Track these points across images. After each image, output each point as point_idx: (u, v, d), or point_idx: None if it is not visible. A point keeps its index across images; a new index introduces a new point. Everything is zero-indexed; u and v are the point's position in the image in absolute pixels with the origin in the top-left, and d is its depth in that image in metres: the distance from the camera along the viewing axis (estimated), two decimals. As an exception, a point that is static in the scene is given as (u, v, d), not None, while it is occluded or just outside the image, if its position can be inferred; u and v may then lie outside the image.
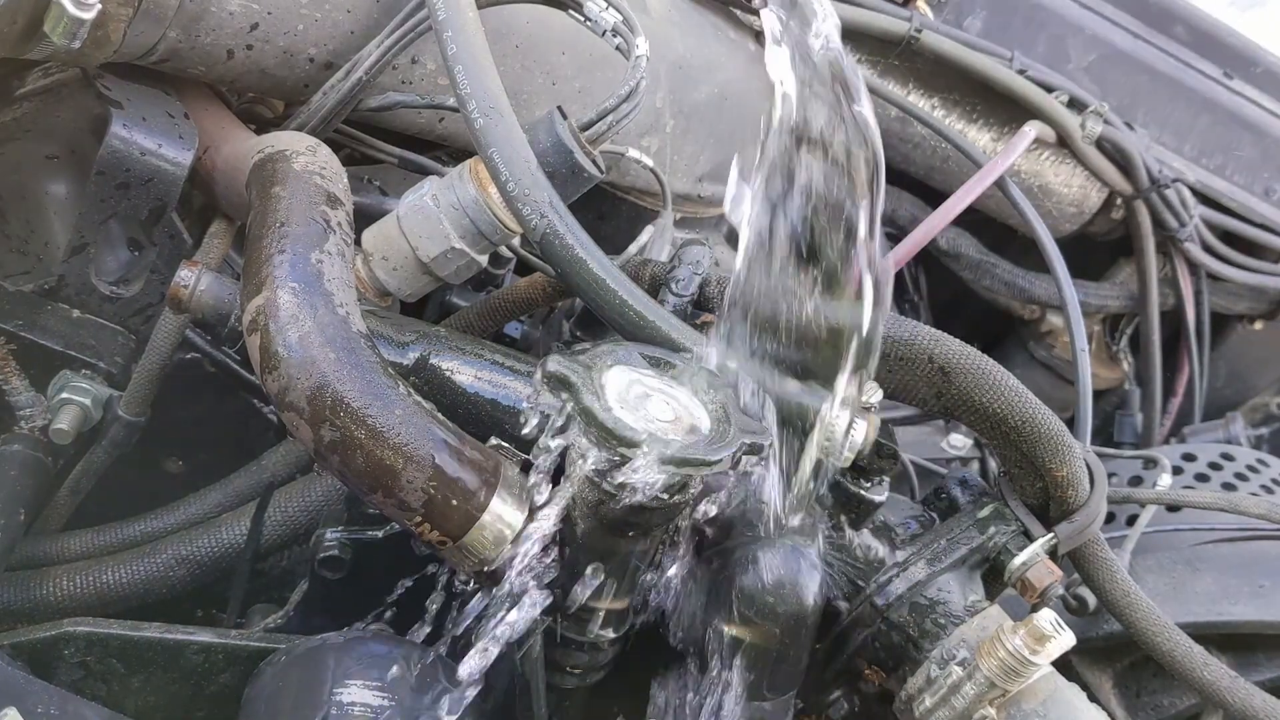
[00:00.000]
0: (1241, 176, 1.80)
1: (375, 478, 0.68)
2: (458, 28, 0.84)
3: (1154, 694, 1.17)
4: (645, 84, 0.92)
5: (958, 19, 1.60)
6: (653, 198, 1.29)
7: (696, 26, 1.28)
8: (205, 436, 1.13)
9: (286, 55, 0.94)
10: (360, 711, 0.71)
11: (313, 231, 0.75)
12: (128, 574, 0.99)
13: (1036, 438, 0.87)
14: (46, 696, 0.73)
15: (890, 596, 0.89)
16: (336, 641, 0.77)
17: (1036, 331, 1.96)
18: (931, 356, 0.85)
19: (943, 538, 0.92)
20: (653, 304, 0.81)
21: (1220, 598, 1.14)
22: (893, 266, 1.24)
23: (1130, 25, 1.72)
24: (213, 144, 0.97)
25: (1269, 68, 1.82)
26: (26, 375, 0.97)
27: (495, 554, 0.71)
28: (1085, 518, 0.92)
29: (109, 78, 0.93)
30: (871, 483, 0.88)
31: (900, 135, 1.63)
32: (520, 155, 0.80)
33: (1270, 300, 1.99)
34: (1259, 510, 1.18)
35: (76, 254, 0.96)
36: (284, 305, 0.69)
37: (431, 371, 0.83)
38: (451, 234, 0.88)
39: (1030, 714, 0.82)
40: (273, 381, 0.69)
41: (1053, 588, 0.89)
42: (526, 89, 1.08)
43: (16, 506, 0.92)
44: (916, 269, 1.89)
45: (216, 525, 1.01)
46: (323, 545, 0.92)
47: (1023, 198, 1.34)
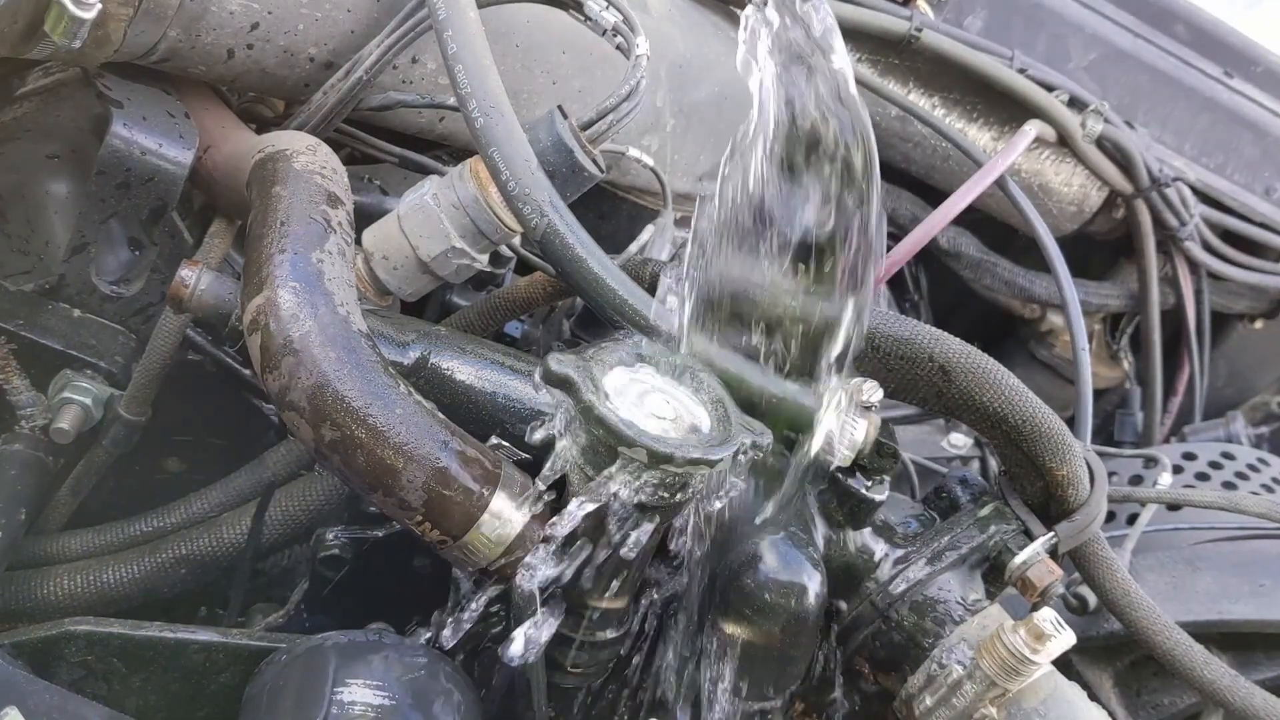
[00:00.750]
0: (1242, 175, 1.80)
1: (376, 477, 0.68)
2: (458, 27, 0.84)
3: (1154, 693, 1.17)
4: (645, 83, 0.92)
5: (958, 18, 1.60)
6: (653, 197, 1.29)
7: (697, 26, 1.28)
8: (206, 436, 1.13)
9: (287, 55, 0.94)
10: (360, 710, 0.71)
11: (313, 231, 0.75)
12: (128, 573, 0.99)
13: (1037, 437, 0.87)
14: (47, 696, 0.73)
15: (890, 595, 0.89)
16: (337, 640, 0.77)
17: (1037, 331, 1.96)
18: (932, 355, 0.85)
19: (943, 537, 0.92)
20: (653, 303, 0.81)
21: (1220, 597, 1.14)
22: (886, 264, 1.24)
23: (1131, 24, 1.72)
24: (213, 143, 0.97)
25: (1269, 67, 1.82)
26: (27, 375, 0.97)
27: (495, 552, 0.72)
28: (1085, 517, 0.92)
29: (109, 77, 0.93)
30: (872, 482, 0.88)
31: (900, 134, 1.63)
32: (520, 154, 0.81)
33: (1271, 299, 1.99)
34: (1259, 509, 1.18)
35: (77, 253, 0.96)
36: (285, 304, 0.69)
37: (432, 371, 0.83)
38: (452, 233, 0.88)
39: (1030, 713, 0.82)
40: (273, 381, 0.69)
41: (1053, 587, 0.89)
42: (527, 88, 1.08)
43: (17, 506, 0.93)
44: (917, 268, 1.89)
45: (217, 524, 1.01)
46: (323, 544, 0.92)
47: (1023, 197, 1.34)
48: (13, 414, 0.97)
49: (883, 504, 0.89)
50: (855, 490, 0.87)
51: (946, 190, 1.53)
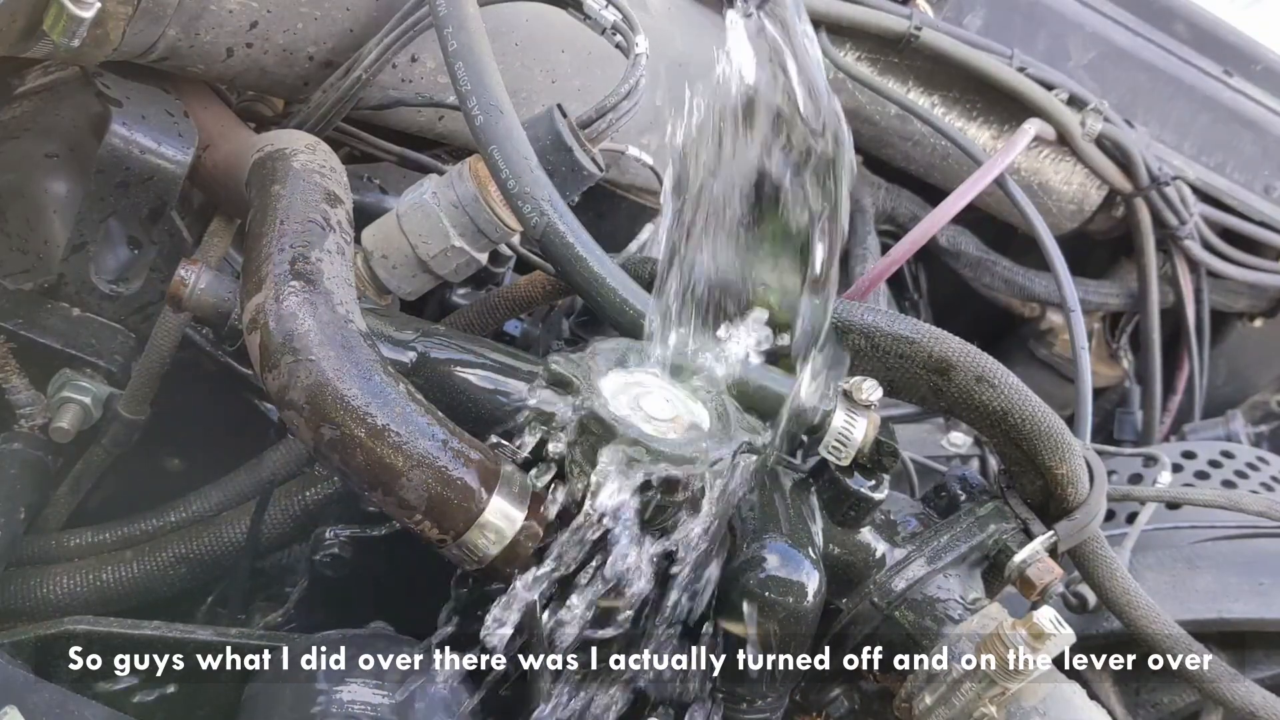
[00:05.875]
0: (1241, 174, 1.80)
1: (375, 476, 0.68)
2: (458, 25, 0.84)
3: (1154, 692, 1.17)
4: (645, 82, 0.92)
5: (958, 16, 1.60)
6: (652, 195, 1.29)
7: (696, 24, 1.28)
8: (205, 435, 1.13)
9: (286, 53, 0.94)
10: (360, 709, 0.71)
11: (312, 230, 0.75)
12: (128, 572, 0.99)
13: (1036, 435, 0.87)
14: (47, 695, 0.73)
15: (890, 594, 0.88)
16: (336, 639, 0.77)
17: (1036, 329, 1.96)
18: (931, 354, 0.85)
19: (943, 535, 0.92)
20: (653, 302, 0.81)
21: (1220, 595, 1.14)
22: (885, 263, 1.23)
23: (1130, 23, 1.72)
24: (212, 142, 0.97)
25: (1269, 65, 1.82)
26: (26, 374, 0.97)
27: (495, 551, 0.72)
28: (1085, 515, 0.92)
29: (108, 76, 0.93)
30: (871, 481, 0.88)
31: (900, 133, 1.63)
32: (520, 153, 0.80)
33: (1270, 298, 1.99)
34: (1259, 508, 1.18)
35: (76, 252, 0.96)
36: (284, 303, 0.69)
37: (431, 370, 0.83)
38: (451, 232, 0.88)
39: (1030, 712, 0.82)
40: (273, 380, 0.69)
41: (1053, 585, 0.89)
42: (526, 87, 1.08)
43: (17, 505, 0.92)
44: (916, 267, 1.89)
45: (216, 523, 1.01)
46: (323, 543, 0.92)
47: (1023, 195, 1.34)
48: (12, 413, 0.97)
49: (882, 503, 0.89)
50: (855, 489, 0.87)
51: (946, 189, 1.53)
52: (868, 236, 1.64)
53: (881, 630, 0.89)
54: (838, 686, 0.95)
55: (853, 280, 1.43)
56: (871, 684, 0.93)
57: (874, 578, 0.90)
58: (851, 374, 0.86)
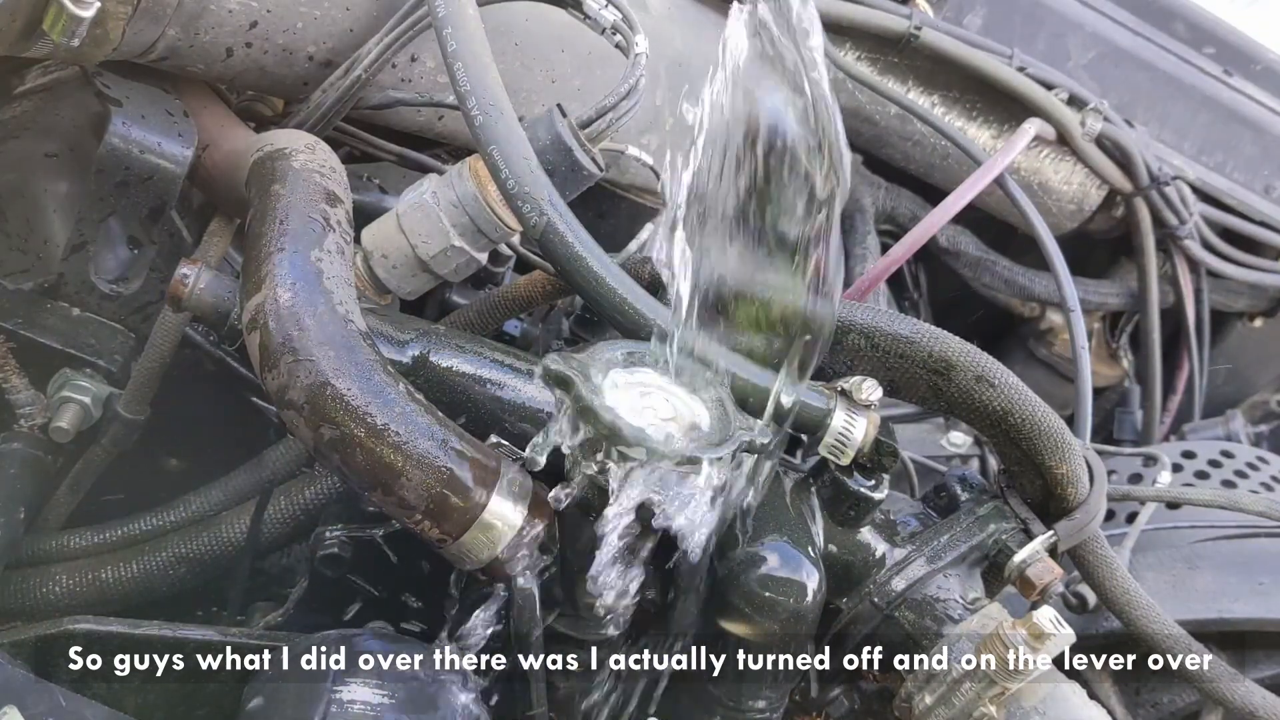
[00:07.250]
0: (1241, 174, 1.80)
1: (375, 476, 0.68)
2: (457, 25, 0.84)
3: (1153, 691, 1.17)
4: (644, 81, 0.92)
5: (958, 16, 1.60)
6: (652, 195, 1.29)
7: (696, 24, 1.28)
8: (205, 434, 1.13)
9: (286, 53, 0.94)
10: (360, 709, 0.71)
11: (312, 229, 0.75)
12: (128, 572, 0.99)
13: (1036, 435, 0.87)
14: (47, 695, 0.73)
15: (890, 594, 0.89)
16: (336, 639, 0.77)
17: (1036, 329, 1.96)
18: (931, 354, 0.85)
19: (942, 535, 0.92)
20: (652, 301, 0.81)
21: (1220, 595, 1.14)
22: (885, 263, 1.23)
23: (1130, 23, 1.72)
24: (212, 142, 0.97)
25: (1269, 65, 1.82)
26: (26, 373, 0.97)
27: (495, 551, 0.72)
28: (1085, 515, 0.92)
29: (108, 75, 0.93)
30: (871, 480, 0.88)
31: (900, 133, 1.63)
32: (520, 153, 0.80)
33: (1270, 298, 1.99)
34: (1258, 507, 1.18)
35: (76, 252, 0.96)
36: (283, 303, 0.69)
37: (431, 369, 0.83)
38: (451, 232, 0.88)
39: (1030, 711, 0.82)
40: (272, 379, 0.69)
41: (1052, 585, 0.89)
42: (526, 86, 1.08)
43: (16, 504, 0.92)
44: (916, 266, 1.89)
45: (216, 523, 1.01)
46: (323, 543, 0.92)
47: (1023, 195, 1.34)
48: (12, 413, 0.97)
49: (882, 502, 0.89)
50: (854, 489, 0.87)
51: (946, 188, 1.53)
52: (868, 236, 1.64)
53: (881, 630, 0.89)
54: (838, 686, 0.95)
55: (853, 280, 1.43)
56: (871, 684, 0.93)
57: (874, 577, 0.90)
58: (851, 374, 0.86)
